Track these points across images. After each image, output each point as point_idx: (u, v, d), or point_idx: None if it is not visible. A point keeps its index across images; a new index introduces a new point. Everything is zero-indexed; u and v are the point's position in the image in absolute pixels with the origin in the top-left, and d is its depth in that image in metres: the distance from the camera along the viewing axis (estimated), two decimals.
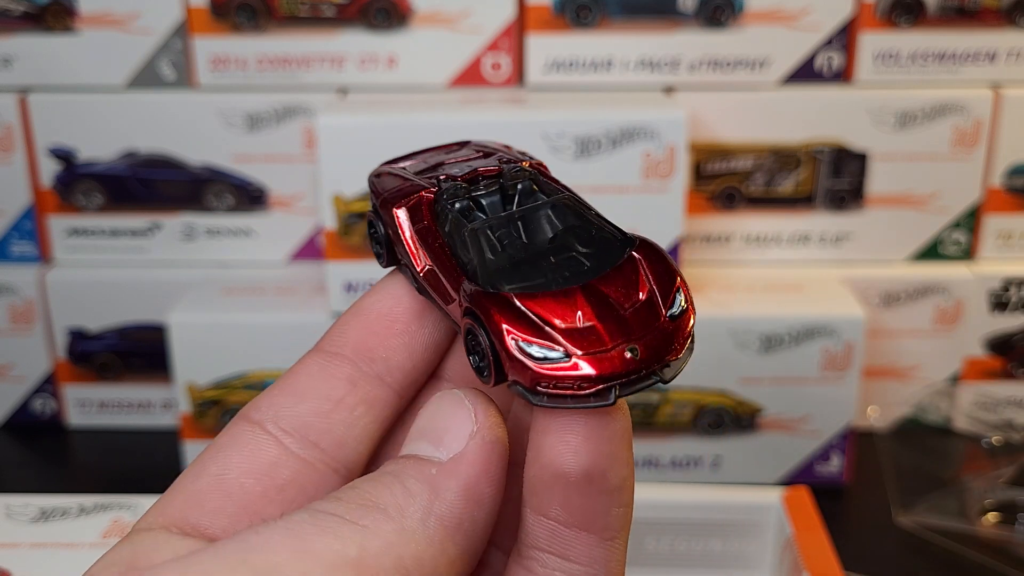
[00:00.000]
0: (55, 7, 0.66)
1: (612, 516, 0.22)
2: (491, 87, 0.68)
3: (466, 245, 0.23)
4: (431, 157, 0.28)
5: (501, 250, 0.23)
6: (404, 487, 0.21)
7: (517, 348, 0.21)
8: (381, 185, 0.26)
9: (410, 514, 0.21)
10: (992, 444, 0.66)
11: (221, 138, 0.68)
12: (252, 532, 0.20)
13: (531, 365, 0.21)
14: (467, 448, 0.22)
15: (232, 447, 0.24)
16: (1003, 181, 0.68)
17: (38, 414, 0.73)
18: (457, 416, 0.22)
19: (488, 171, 0.25)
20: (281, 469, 0.24)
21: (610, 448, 0.22)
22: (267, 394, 0.25)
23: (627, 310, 0.22)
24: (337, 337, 0.25)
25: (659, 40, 0.66)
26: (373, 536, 0.20)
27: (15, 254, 0.71)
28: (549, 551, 0.23)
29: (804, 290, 0.66)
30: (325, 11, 0.66)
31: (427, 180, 0.25)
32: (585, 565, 0.22)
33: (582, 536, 0.22)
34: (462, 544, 0.21)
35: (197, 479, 0.24)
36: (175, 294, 0.68)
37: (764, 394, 0.64)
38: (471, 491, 0.21)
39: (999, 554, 0.58)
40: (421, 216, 0.25)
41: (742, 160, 0.68)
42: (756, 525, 0.53)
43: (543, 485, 0.22)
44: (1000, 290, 0.69)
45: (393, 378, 0.25)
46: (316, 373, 0.25)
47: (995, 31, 0.66)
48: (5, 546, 0.46)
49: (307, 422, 0.24)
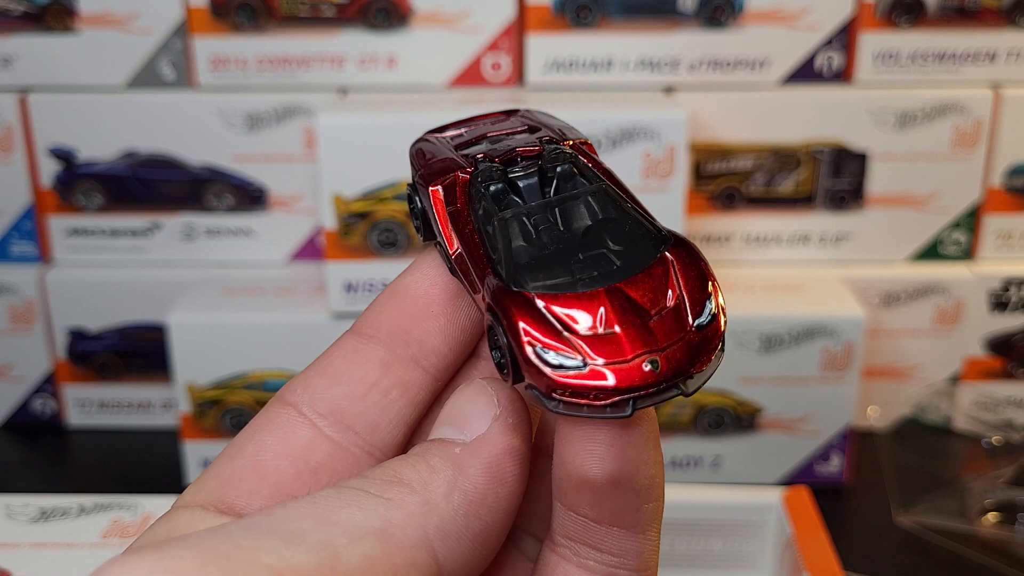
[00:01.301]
0: (55, 7, 0.66)
1: (642, 512, 0.23)
2: (491, 87, 0.68)
3: (494, 234, 0.23)
4: (477, 128, 0.27)
5: (532, 240, 0.22)
6: (428, 464, 0.22)
7: (534, 353, 0.21)
8: (422, 157, 0.26)
9: (434, 488, 0.21)
10: (992, 444, 0.66)
11: (221, 138, 0.68)
12: (280, 506, 0.20)
13: (547, 372, 0.20)
14: (490, 429, 0.22)
15: (268, 429, 0.24)
16: (1003, 181, 0.68)
17: (38, 414, 0.73)
18: (480, 401, 0.23)
19: (528, 151, 0.24)
20: (315, 452, 0.24)
21: (635, 454, 0.21)
22: (303, 376, 0.25)
23: (653, 317, 0.21)
24: (372, 319, 0.25)
25: (659, 40, 0.66)
26: (397, 508, 0.20)
27: (15, 254, 0.71)
28: (582, 542, 0.23)
29: (804, 290, 0.66)
30: (325, 11, 0.66)
31: (464, 158, 0.25)
32: (618, 556, 0.23)
33: (614, 531, 0.23)
34: (487, 519, 0.21)
35: (232, 460, 0.24)
36: (175, 294, 0.68)
37: (764, 394, 0.64)
38: (494, 468, 0.22)
39: (999, 554, 0.58)
40: (455, 197, 0.24)
41: (742, 160, 0.68)
42: (756, 525, 0.53)
43: (571, 488, 0.22)
44: (1000, 290, 0.69)
45: (428, 361, 0.25)
46: (351, 355, 0.25)
47: (995, 31, 0.66)
48: (5, 546, 0.46)
49: (341, 405, 0.24)
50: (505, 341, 0.21)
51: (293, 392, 0.25)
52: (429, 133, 0.27)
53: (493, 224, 0.23)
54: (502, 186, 0.24)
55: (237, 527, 0.19)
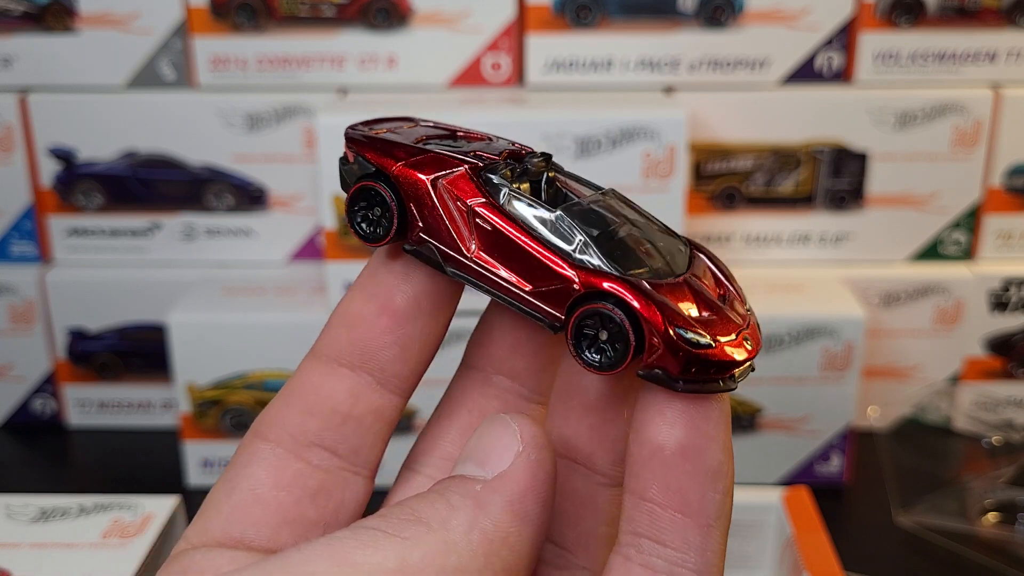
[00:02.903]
0: (55, 7, 0.66)
1: (708, 500, 0.22)
2: (491, 87, 0.68)
3: (568, 227, 0.23)
4: (406, 130, 0.26)
5: (601, 233, 0.23)
6: (447, 502, 0.21)
7: (675, 333, 0.21)
8: (383, 151, 0.24)
9: (453, 527, 0.21)
10: (992, 444, 0.66)
11: (221, 138, 0.68)
12: (295, 550, 0.20)
13: (687, 349, 0.21)
14: (512, 466, 0.22)
15: (255, 464, 0.24)
16: (1003, 181, 0.68)
17: (38, 414, 0.73)
18: (502, 437, 0.22)
19: (510, 154, 0.25)
20: (308, 480, 0.24)
21: (706, 427, 0.22)
22: (275, 409, 0.25)
23: (724, 304, 0.23)
24: (330, 344, 0.25)
25: (659, 40, 0.66)
26: (414, 547, 0.20)
27: (15, 254, 0.71)
28: (647, 535, 0.22)
29: (804, 290, 0.66)
30: (325, 11, 0.66)
31: (456, 153, 0.24)
32: (681, 551, 0.22)
33: (678, 520, 0.22)
34: (508, 559, 0.21)
35: (231, 496, 0.24)
36: (175, 294, 0.68)
37: (764, 394, 0.64)
38: (516, 506, 0.21)
39: (999, 554, 0.58)
40: (472, 192, 0.23)
41: (742, 160, 0.68)
42: (756, 525, 0.53)
43: (642, 462, 0.22)
44: (1000, 290, 0.69)
45: (393, 384, 0.25)
46: (318, 385, 0.25)
47: (995, 31, 0.66)
48: (5, 546, 0.46)
49: (321, 436, 0.25)
50: (630, 325, 0.21)
51: (270, 427, 0.25)
52: (363, 126, 0.26)
53: (569, 216, 0.23)
54: (515, 188, 0.24)
55: (252, 574, 0.19)
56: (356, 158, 0.25)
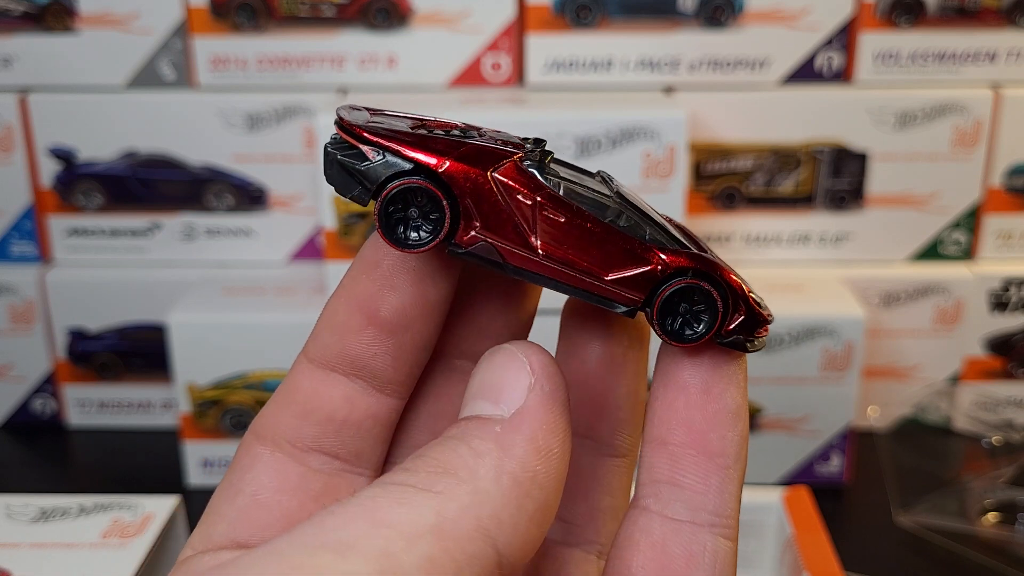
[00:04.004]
0: (55, 7, 0.66)
1: (728, 441, 0.23)
2: (491, 87, 0.68)
3: (625, 209, 0.23)
4: (402, 121, 0.24)
5: (647, 214, 0.23)
6: (471, 448, 0.21)
7: (753, 300, 0.23)
8: (419, 144, 0.22)
9: (482, 475, 0.20)
10: (992, 444, 0.66)
11: (221, 138, 0.68)
12: (327, 513, 0.19)
13: (761, 313, 0.23)
14: (528, 401, 0.21)
15: (257, 468, 0.24)
16: (1003, 181, 0.68)
17: (38, 414, 0.73)
18: (511, 369, 0.22)
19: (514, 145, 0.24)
20: (311, 483, 0.24)
21: (729, 370, 0.23)
22: (271, 413, 0.25)
23: None
24: (323, 349, 0.25)
25: (659, 40, 0.66)
26: (448, 501, 0.20)
27: (15, 254, 0.71)
28: (666, 480, 0.23)
29: (804, 290, 0.66)
30: (325, 11, 0.66)
31: (492, 144, 0.23)
32: (700, 493, 0.23)
33: (700, 461, 0.23)
34: (539, 498, 0.21)
35: (233, 501, 0.24)
36: (175, 294, 0.68)
37: (764, 394, 0.64)
38: (540, 443, 0.21)
39: (999, 554, 0.58)
40: (530, 185, 0.22)
41: (742, 160, 0.68)
42: (756, 525, 0.53)
43: (666, 405, 0.23)
44: (1000, 290, 0.69)
45: (388, 388, 0.25)
46: (312, 391, 0.24)
47: (995, 31, 0.66)
48: (5, 546, 0.46)
49: (319, 442, 0.24)
50: (716, 297, 0.23)
51: (268, 432, 0.24)
52: (376, 116, 0.24)
53: (612, 201, 0.23)
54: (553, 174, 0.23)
55: (287, 544, 0.19)
56: (380, 154, 0.22)
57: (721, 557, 0.23)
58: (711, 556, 0.22)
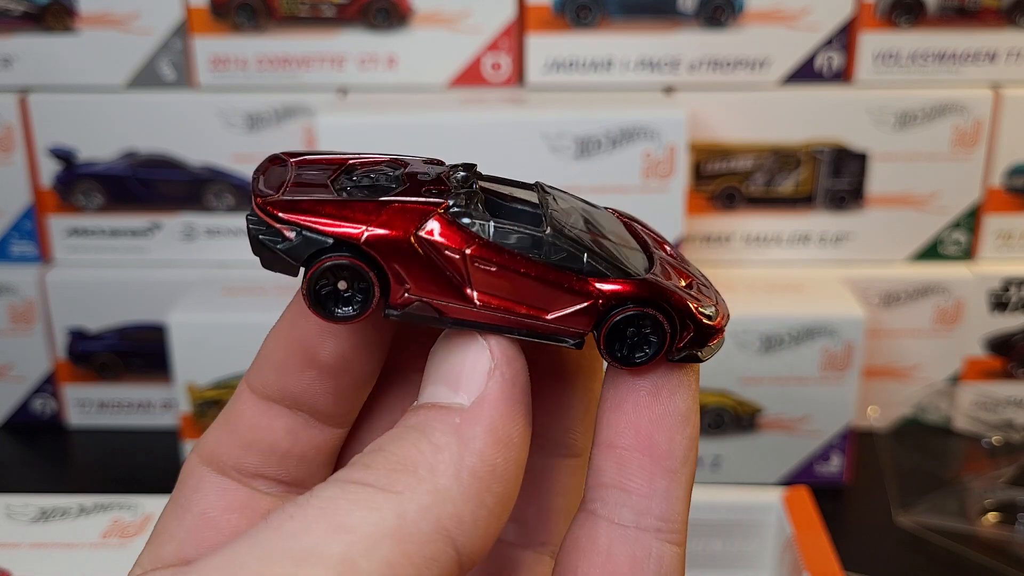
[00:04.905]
0: (55, 7, 0.66)
1: (676, 444, 0.22)
2: (491, 87, 0.68)
3: (561, 241, 0.22)
4: (307, 176, 0.23)
5: (596, 244, 0.23)
6: (431, 442, 0.20)
7: (701, 316, 0.23)
8: (335, 215, 0.22)
9: (441, 471, 0.20)
10: (992, 444, 0.66)
11: (221, 138, 0.68)
12: (286, 517, 0.19)
13: (710, 326, 0.23)
14: (488, 388, 0.21)
15: (204, 489, 0.24)
16: (1003, 181, 0.68)
17: (38, 414, 0.73)
18: (471, 353, 0.21)
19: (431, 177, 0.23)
20: (258, 503, 0.24)
21: (679, 374, 0.23)
22: (215, 437, 0.24)
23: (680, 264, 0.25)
24: (261, 379, 0.24)
25: (659, 40, 0.66)
26: (408, 501, 0.19)
27: (15, 254, 0.71)
28: (613, 484, 0.22)
29: (804, 290, 0.66)
30: (325, 11, 0.66)
31: (409, 196, 0.22)
32: (646, 497, 0.22)
33: (646, 464, 0.22)
34: (498, 491, 0.21)
35: (182, 521, 0.24)
36: (175, 294, 0.68)
37: (764, 394, 0.64)
38: (499, 433, 0.21)
39: (999, 554, 0.58)
40: (457, 236, 0.22)
41: (742, 160, 0.68)
42: (756, 525, 0.53)
43: (615, 406, 0.23)
44: (1000, 290, 0.69)
45: (332, 420, 0.24)
46: (255, 421, 0.24)
47: (995, 31, 0.66)
48: (5, 546, 0.46)
49: (263, 470, 0.24)
50: (668, 320, 0.23)
51: (214, 455, 0.24)
52: (258, 186, 0.23)
53: (546, 235, 0.22)
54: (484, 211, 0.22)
55: (246, 551, 0.19)
56: (299, 232, 0.21)
57: (666, 562, 0.22)
58: (656, 562, 0.22)
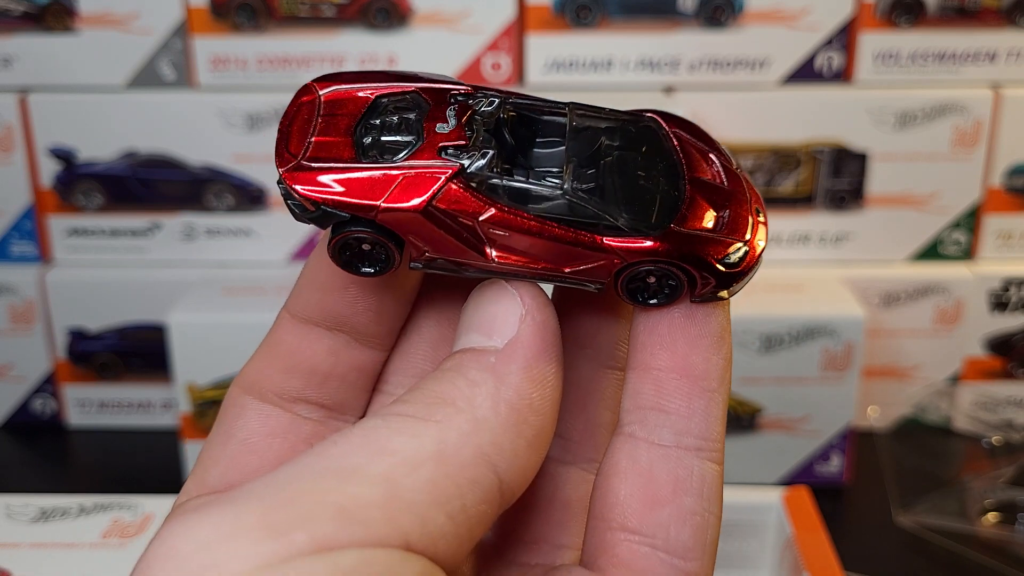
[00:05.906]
0: (55, 7, 0.66)
1: (712, 364, 0.23)
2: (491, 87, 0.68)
3: (578, 195, 0.22)
4: (325, 124, 0.24)
5: (617, 191, 0.23)
6: (467, 379, 0.21)
7: (723, 266, 0.23)
8: (350, 191, 0.22)
9: (479, 403, 0.21)
10: (992, 444, 0.66)
11: (221, 138, 0.68)
12: (330, 443, 0.20)
13: (733, 272, 0.23)
14: (520, 331, 0.22)
15: (247, 416, 0.25)
16: (1003, 181, 0.68)
17: (38, 414, 0.73)
18: (503, 302, 0.22)
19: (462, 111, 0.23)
20: (299, 429, 0.25)
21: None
22: (257, 366, 0.25)
23: (724, 185, 0.24)
24: (303, 304, 0.25)
25: (659, 40, 0.66)
26: (448, 429, 0.20)
27: (15, 254, 0.71)
28: (652, 406, 0.23)
29: (804, 290, 0.66)
30: (325, 11, 0.66)
31: (426, 160, 0.22)
32: (685, 417, 0.23)
33: (684, 385, 0.23)
34: (536, 424, 0.21)
35: (225, 447, 0.24)
36: (175, 294, 0.68)
37: (764, 394, 0.64)
38: (533, 371, 0.22)
39: (999, 554, 0.58)
40: (471, 202, 0.22)
41: (742, 160, 0.68)
42: (756, 525, 0.53)
43: (649, 330, 0.23)
44: (1000, 290, 0.69)
45: (371, 341, 0.25)
46: (296, 346, 0.25)
47: (995, 31, 0.66)
48: (5, 546, 0.46)
49: (305, 394, 0.25)
50: (680, 276, 0.22)
51: (254, 383, 0.25)
52: (285, 152, 0.24)
53: (563, 191, 0.22)
54: (501, 164, 0.23)
55: (292, 471, 0.19)
56: (318, 208, 0.22)
57: (708, 480, 0.23)
58: (698, 479, 0.23)
